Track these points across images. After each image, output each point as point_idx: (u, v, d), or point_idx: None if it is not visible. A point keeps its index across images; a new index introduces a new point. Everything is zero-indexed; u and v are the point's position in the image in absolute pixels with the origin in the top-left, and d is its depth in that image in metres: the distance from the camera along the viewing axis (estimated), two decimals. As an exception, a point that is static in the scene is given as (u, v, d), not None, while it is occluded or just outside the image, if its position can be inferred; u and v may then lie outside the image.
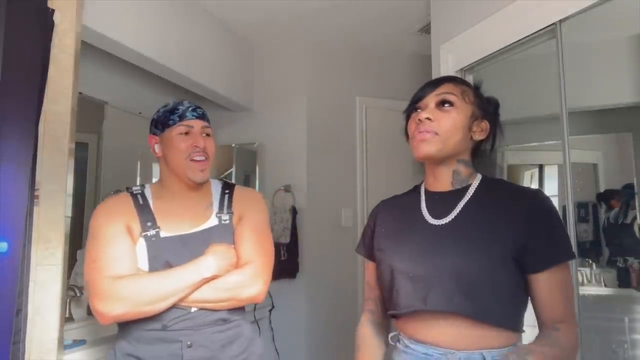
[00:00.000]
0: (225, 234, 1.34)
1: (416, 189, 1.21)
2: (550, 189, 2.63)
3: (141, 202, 1.35)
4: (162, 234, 1.30)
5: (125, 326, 1.28)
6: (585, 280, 2.44)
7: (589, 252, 2.53)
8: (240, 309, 1.35)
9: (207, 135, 1.38)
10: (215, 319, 1.27)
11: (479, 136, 1.10)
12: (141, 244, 1.30)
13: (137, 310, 1.20)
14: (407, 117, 1.15)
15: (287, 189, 2.99)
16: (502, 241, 1.00)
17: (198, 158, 1.33)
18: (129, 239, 1.29)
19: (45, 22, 1.52)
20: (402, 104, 1.21)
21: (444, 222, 1.07)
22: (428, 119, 1.06)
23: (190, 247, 1.29)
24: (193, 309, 1.25)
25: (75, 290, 2.06)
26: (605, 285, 2.42)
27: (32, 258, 1.47)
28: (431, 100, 1.08)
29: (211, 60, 2.78)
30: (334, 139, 3.12)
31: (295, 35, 3.08)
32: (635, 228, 2.37)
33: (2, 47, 1.34)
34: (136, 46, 2.17)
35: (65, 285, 1.58)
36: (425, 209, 1.11)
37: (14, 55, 1.38)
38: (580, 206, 2.50)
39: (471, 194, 1.08)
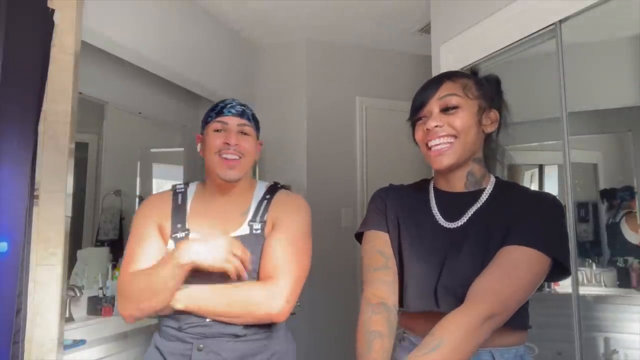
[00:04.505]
0: (255, 244, 1.24)
1: (424, 184, 1.17)
2: (551, 189, 2.63)
3: (180, 201, 1.32)
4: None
5: (160, 320, 1.29)
6: (585, 280, 2.44)
7: (589, 252, 2.53)
8: (263, 325, 1.23)
9: (244, 133, 1.30)
10: (229, 332, 1.20)
11: (490, 128, 1.07)
12: (171, 245, 1.26)
13: (140, 306, 1.18)
14: (413, 124, 1.12)
15: (287, 188, 2.98)
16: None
17: (228, 156, 1.26)
18: (158, 240, 1.27)
19: (45, 22, 1.52)
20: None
21: (456, 226, 1.04)
22: (437, 126, 1.03)
23: None
24: (207, 319, 1.20)
25: (75, 290, 2.06)
26: (605, 286, 2.42)
27: (32, 258, 1.47)
28: (434, 105, 1.05)
29: (211, 60, 2.78)
30: (334, 139, 3.12)
31: (295, 35, 3.08)
32: (622, 227, 2.39)
33: (2, 47, 1.34)
34: (136, 46, 2.17)
35: (65, 285, 1.58)
36: (437, 209, 1.09)
37: (14, 55, 1.38)
38: (580, 206, 2.50)
39: (485, 199, 1.05)
